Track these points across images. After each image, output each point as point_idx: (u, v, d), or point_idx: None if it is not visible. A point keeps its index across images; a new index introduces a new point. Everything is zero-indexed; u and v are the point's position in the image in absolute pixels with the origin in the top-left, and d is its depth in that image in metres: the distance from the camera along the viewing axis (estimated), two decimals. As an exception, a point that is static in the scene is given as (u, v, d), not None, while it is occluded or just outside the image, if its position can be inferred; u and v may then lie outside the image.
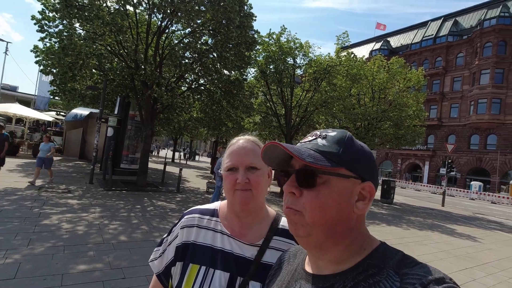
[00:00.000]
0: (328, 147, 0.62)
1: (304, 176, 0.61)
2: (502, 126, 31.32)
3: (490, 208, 20.68)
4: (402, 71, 17.56)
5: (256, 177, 0.95)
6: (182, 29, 11.59)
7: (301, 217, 0.61)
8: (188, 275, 0.92)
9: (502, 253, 7.53)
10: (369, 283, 0.55)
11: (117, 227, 5.69)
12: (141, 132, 12.31)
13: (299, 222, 0.61)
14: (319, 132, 0.66)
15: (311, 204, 0.60)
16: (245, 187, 0.93)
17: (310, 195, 0.60)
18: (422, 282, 0.50)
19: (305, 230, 0.61)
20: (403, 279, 0.52)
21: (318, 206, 0.59)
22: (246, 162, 0.95)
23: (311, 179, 0.61)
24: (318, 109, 14.35)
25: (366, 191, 0.62)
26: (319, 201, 0.60)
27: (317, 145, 0.63)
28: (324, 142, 0.63)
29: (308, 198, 0.60)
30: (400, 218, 11.08)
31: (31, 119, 20.65)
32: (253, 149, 0.98)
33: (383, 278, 0.54)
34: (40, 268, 3.65)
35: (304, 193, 0.61)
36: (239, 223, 0.99)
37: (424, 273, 0.52)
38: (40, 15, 9.41)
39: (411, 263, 0.56)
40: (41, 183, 8.98)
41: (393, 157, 40.82)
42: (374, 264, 0.58)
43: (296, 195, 0.62)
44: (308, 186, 0.61)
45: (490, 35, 32.25)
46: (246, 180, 0.93)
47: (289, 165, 0.67)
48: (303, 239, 0.62)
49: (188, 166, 25.49)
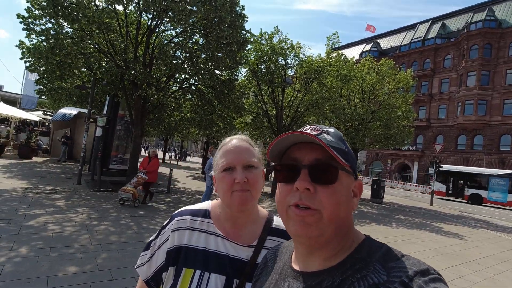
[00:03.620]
0: (337, 144, 0.61)
1: (324, 171, 0.59)
2: (488, 127, 32.08)
3: (476, 207, 21.15)
4: (391, 73, 17.82)
5: (254, 176, 0.91)
6: (173, 29, 11.49)
7: (319, 216, 0.58)
8: (182, 280, 0.88)
9: (488, 250, 7.70)
10: (357, 278, 0.55)
11: (105, 228, 5.60)
12: (130, 132, 12.15)
13: (314, 222, 0.58)
14: (320, 127, 0.65)
15: (329, 201, 0.58)
16: (243, 188, 0.89)
17: (327, 191, 0.58)
18: (408, 275, 0.51)
19: (319, 230, 0.58)
20: (389, 272, 0.53)
21: (336, 203, 0.58)
22: (243, 160, 0.91)
23: (332, 175, 0.59)
24: (309, 110, 14.44)
25: (356, 188, 0.64)
26: (337, 198, 0.58)
27: (326, 140, 0.60)
28: (332, 138, 0.62)
29: (325, 195, 0.58)
30: (389, 217, 11.22)
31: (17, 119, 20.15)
32: (248, 148, 0.95)
33: (370, 272, 0.55)
34: (24, 271, 3.55)
35: (318, 189, 0.59)
36: (232, 225, 0.96)
37: (409, 265, 0.53)
38: (26, 13, 9.19)
39: (396, 256, 0.57)
40: (26, 185, 8.77)
41: (383, 157, 41.34)
42: (360, 258, 0.58)
43: (311, 192, 0.58)
44: (328, 181, 0.59)
45: (476, 38, 33.01)
46: (245, 179, 0.89)
47: (281, 160, 0.66)
48: (312, 239, 0.59)
49: (179, 167, 25.29)
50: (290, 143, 0.64)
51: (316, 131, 0.64)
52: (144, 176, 7.94)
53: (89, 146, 13.56)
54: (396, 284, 0.50)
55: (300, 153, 0.63)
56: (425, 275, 0.50)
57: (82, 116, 16.18)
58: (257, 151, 0.98)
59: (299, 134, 0.61)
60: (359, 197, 0.65)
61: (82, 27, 9.02)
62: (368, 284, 0.53)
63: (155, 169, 8.41)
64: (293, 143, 0.64)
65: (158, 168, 8.64)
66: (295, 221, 0.59)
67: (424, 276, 0.50)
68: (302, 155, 0.62)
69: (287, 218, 0.62)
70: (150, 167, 8.27)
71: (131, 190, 7.50)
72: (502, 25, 32.80)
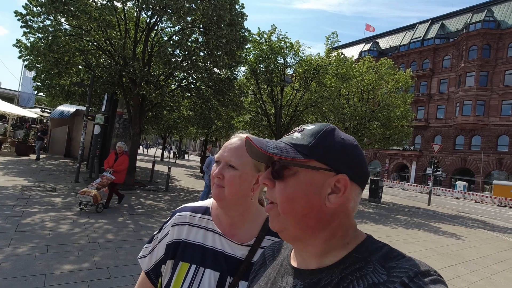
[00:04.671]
0: (301, 140, 0.62)
1: (274, 167, 0.63)
2: (486, 128, 32.19)
3: (474, 207, 21.24)
4: (390, 72, 17.84)
5: (230, 176, 0.91)
6: (172, 26, 11.46)
7: (276, 211, 0.62)
8: (178, 273, 0.91)
9: (485, 250, 7.74)
10: (356, 277, 0.55)
11: (103, 226, 5.58)
12: (129, 130, 12.12)
13: (275, 216, 0.62)
14: (300, 126, 0.67)
15: (280, 195, 0.61)
16: (218, 183, 0.92)
17: (280, 186, 0.61)
18: (408, 275, 0.50)
19: (279, 223, 0.62)
20: (389, 272, 0.53)
21: (286, 197, 0.60)
22: (226, 158, 0.94)
23: (279, 171, 0.62)
24: (307, 109, 14.46)
25: (341, 184, 0.59)
26: (287, 193, 0.60)
27: (291, 138, 0.63)
28: (299, 135, 0.63)
29: (278, 190, 0.61)
30: (387, 217, 11.25)
31: (14, 116, 20.07)
32: (238, 147, 0.95)
33: (370, 271, 0.54)
34: (21, 268, 3.54)
35: (276, 184, 0.62)
36: (229, 222, 0.97)
37: (410, 266, 0.52)
38: (24, 9, 9.13)
39: (397, 256, 0.56)
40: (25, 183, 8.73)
41: (381, 157, 41.44)
42: (360, 257, 0.58)
43: (270, 186, 0.63)
44: (277, 177, 0.62)
45: (475, 38, 33.07)
46: (220, 176, 0.92)
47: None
48: (281, 234, 0.64)
49: (177, 165, 25.26)
50: None
51: (292, 131, 0.68)
52: (110, 176, 6.88)
53: (87, 143, 13.51)
54: (396, 284, 0.50)
55: None
56: (426, 276, 0.50)
57: (80, 114, 16.12)
58: None
59: (252, 146, 0.63)
60: (341, 193, 0.59)
61: (81, 24, 8.97)
62: (368, 283, 0.53)
63: (123, 168, 7.13)
64: None
65: (127, 166, 7.34)
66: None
67: (425, 277, 0.50)
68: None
69: None
70: (117, 165, 7.01)
71: (92, 192, 6.35)
72: (501, 26, 32.86)
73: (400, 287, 0.49)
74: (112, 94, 12.16)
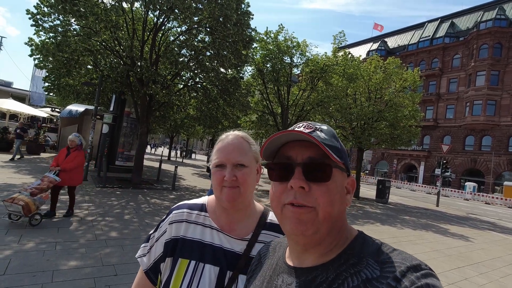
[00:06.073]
0: (330, 141, 0.62)
1: (318, 169, 0.60)
2: (497, 128, 31.60)
3: (483, 208, 20.88)
4: (398, 72, 17.61)
5: (243, 174, 0.94)
6: (179, 26, 11.52)
7: (314, 214, 0.58)
8: (178, 269, 0.92)
9: (494, 253, 7.60)
10: (351, 273, 0.56)
11: (109, 224, 5.66)
12: (136, 129, 12.24)
13: (310, 220, 0.58)
14: (312, 124, 0.66)
15: (324, 198, 0.58)
16: (232, 184, 0.92)
17: (322, 189, 0.59)
18: (401, 270, 0.52)
19: (315, 227, 0.58)
20: (382, 267, 0.54)
21: (330, 200, 0.59)
22: (233, 159, 0.94)
23: (326, 172, 0.59)
24: (314, 108, 14.40)
25: (349, 185, 0.65)
26: (331, 195, 0.59)
27: (320, 137, 0.61)
28: (325, 136, 0.63)
29: (320, 193, 0.58)
30: (394, 218, 11.14)
31: (26, 115, 20.47)
32: (241, 146, 0.97)
33: (364, 267, 0.56)
34: (30, 264, 3.61)
35: (312, 187, 0.59)
36: (227, 218, 0.99)
37: (402, 260, 0.54)
38: (35, 9, 9.31)
39: (388, 250, 0.58)
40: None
41: (389, 157, 41.03)
42: (354, 253, 0.59)
43: (306, 190, 0.59)
44: (322, 179, 0.59)
45: (486, 37, 32.49)
46: (234, 177, 0.92)
47: (274, 159, 0.67)
48: (308, 237, 0.59)
49: (184, 164, 25.41)
50: (283, 141, 0.65)
51: (309, 128, 0.64)
52: (53, 178, 5.25)
53: (95, 142, 13.69)
54: (389, 279, 0.51)
55: (293, 151, 0.63)
56: (418, 271, 0.51)
57: (89, 113, 16.32)
58: (253, 148, 1.01)
59: (291, 133, 0.61)
60: (352, 193, 0.65)
61: (90, 24, 9.09)
62: (362, 279, 0.54)
63: (74, 166, 5.52)
64: (286, 142, 0.65)
65: (81, 164, 5.74)
66: (291, 219, 0.59)
67: (417, 272, 0.51)
68: (295, 153, 0.62)
69: (282, 217, 0.62)
70: (67, 162, 5.45)
71: (22, 200, 4.67)
72: (513, 24, 32.23)
73: (393, 282, 0.50)
74: (120, 94, 12.30)
